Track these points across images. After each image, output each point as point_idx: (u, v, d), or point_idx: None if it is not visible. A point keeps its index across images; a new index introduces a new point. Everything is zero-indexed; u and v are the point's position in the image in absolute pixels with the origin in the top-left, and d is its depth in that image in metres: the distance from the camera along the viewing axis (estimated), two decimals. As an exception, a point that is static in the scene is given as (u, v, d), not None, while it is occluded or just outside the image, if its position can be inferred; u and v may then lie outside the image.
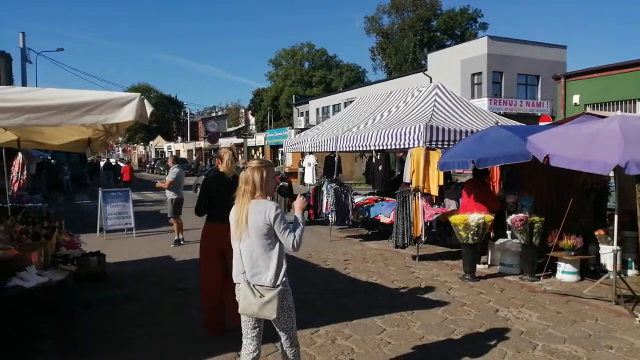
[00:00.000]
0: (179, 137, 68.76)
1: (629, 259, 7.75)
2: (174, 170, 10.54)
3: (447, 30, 50.36)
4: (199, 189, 9.72)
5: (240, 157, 43.21)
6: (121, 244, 10.61)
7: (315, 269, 8.11)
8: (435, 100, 10.06)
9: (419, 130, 8.64)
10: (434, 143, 8.70)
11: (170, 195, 10.41)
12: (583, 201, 8.26)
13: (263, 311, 3.17)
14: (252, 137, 42.40)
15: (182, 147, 61.93)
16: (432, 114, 9.50)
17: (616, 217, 6.25)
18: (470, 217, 7.26)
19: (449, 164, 7.79)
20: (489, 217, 7.39)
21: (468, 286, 7.01)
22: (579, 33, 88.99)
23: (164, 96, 73.25)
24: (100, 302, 6.24)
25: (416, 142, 8.71)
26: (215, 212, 4.86)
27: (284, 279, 3.22)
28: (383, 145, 9.56)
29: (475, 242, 7.35)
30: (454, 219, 7.43)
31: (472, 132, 8.80)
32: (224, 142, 44.63)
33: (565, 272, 7.40)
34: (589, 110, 16.15)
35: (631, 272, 7.72)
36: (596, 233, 7.71)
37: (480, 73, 30.13)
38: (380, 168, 10.86)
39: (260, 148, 39.23)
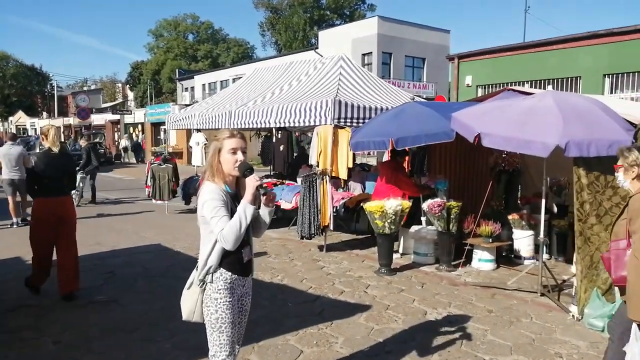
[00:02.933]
0: (44, 113, 61.36)
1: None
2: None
3: (336, 10, 50.06)
4: None
5: (116, 136, 39.47)
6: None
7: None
8: (340, 73, 9.13)
9: (327, 106, 7.64)
10: (343, 121, 7.77)
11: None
12: (494, 184, 7.89)
13: (182, 304, 2.74)
14: (131, 114, 38.60)
15: (48, 124, 55.29)
16: (338, 88, 8.54)
17: (543, 201, 5.78)
18: (387, 204, 6.44)
19: (362, 144, 6.89)
20: (407, 204, 6.65)
21: (386, 282, 6.21)
22: (460, 17, 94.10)
23: (24, 66, 64.73)
24: None
25: (323, 119, 7.71)
26: (44, 187, 5.27)
27: (210, 280, 2.63)
28: (285, 122, 8.43)
29: (392, 231, 6.57)
30: (369, 206, 6.56)
31: (385, 109, 8.01)
32: (97, 119, 40.36)
33: (482, 260, 6.93)
34: (480, 91, 16.44)
35: (545, 256, 7.49)
36: (510, 217, 7.34)
37: (370, 53, 30.08)
38: (281, 148, 9.72)
39: (139, 125, 35.83)
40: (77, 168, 12.56)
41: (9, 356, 4.08)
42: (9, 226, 9.82)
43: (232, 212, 2.57)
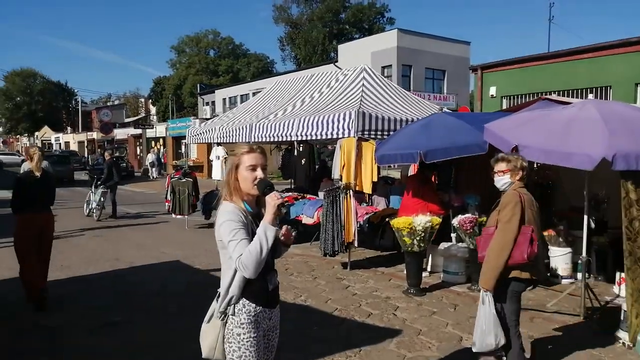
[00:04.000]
0: (69, 128, 62.47)
1: (579, 262, 7.07)
2: None
3: (355, 23, 50.16)
4: None
5: (138, 150, 39.85)
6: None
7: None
8: (363, 84, 8.88)
9: (350, 118, 7.38)
10: (367, 133, 7.50)
11: None
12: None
13: (201, 339, 2.46)
14: (152, 128, 38.92)
15: (72, 139, 56.23)
16: (361, 100, 8.29)
17: (586, 217, 5.39)
18: (416, 221, 6.11)
19: (389, 157, 6.58)
20: (437, 220, 6.30)
21: (416, 303, 5.86)
22: (479, 32, 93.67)
23: (51, 82, 66.16)
24: None
25: (346, 131, 7.45)
26: (27, 205, 5.60)
27: (232, 312, 2.36)
28: (306, 135, 8.19)
29: (422, 249, 6.23)
30: (396, 222, 6.24)
31: (410, 120, 7.71)
32: (120, 133, 40.87)
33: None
34: (504, 102, 16.03)
35: (579, 275, 7.05)
36: (545, 233, 6.93)
37: (390, 66, 29.83)
38: (303, 162, 9.47)
39: (161, 139, 36.10)
40: (99, 183, 12.55)
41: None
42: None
43: (252, 234, 2.31)
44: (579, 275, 6.93)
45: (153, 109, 60.35)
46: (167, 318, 5.30)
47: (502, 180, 3.91)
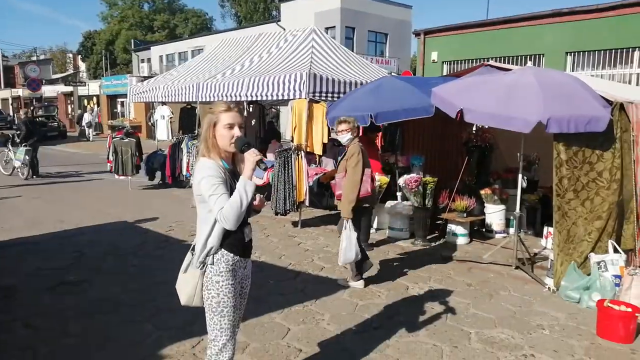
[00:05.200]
0: (-10, 84, 57.83)
1: (511, 218, 7.68)
2: None
3: (298, -19, 49.01)
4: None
5: (69, 108, 37.74)
6: None
7: (179, 246, 6.50)
8: (312, 46, 8.92)
9: (300, 79, 7.46)
10: (317, 95, 7.62)
11: None
12: (468, 160, 7.97)
13: (178, 289, 2.60)
14: (84, 86, 36.83)
15: None
16: (311, 61, 8.36)
17: (520, 177, 5.87)
18: (366, 180, 6.38)
19: (340, 119, 6.76)
20: (385, 180, 6.64)
21: (364, 258, 6.21)
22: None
23: (-35, 33, 60.64)
24: None
25: (297, 92, 7.54)
26: None
27: (211, 262, 2.48)
28: (256, 96, 8.20)
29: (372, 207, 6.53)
30: (347, 182, 6.48)
31: (360, 83, 7.90)
32: (48, 90, 38.40)
33: (456, 235, 7.03)
34: (445, 68, 16.53)
35: (512, 230, 7.67)
36: (482, 192, 7.46)
37: (334, 27, 29.67)
38: (252, 122, 9.46)
39: (94, 98, 34.31)
40: (17, 140, 12.23)
41: (-21, 342, 3.84)
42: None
43: (230, 189, 2.44)
44: (512, 230, 7.57)
45: (83, 65, 56.92)
46: (123, 277, 5.33)
47: (345, 137, 5.07)
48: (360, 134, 8.41)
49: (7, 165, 13.25)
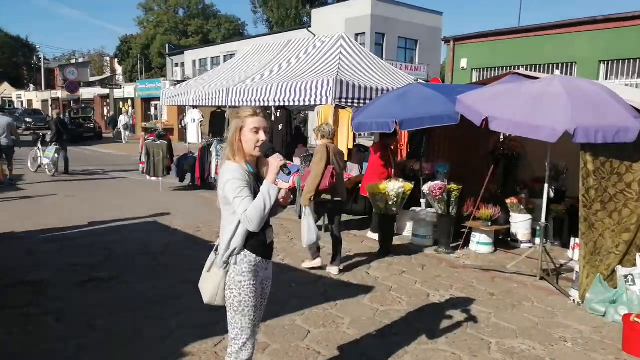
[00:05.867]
0: (31, 85, 60.02)
1: (538, 228, 7.57)
2: None
3: (329, -12, 49.32)
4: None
5: (105, 110, 38.83)
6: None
7: (206, 246, 6.67)
8: (340, 52, 9.02)
9: (327, 86, 7.56)
10: (344, 101, 7.71)
11: None
12: (494, 168, 7.90)
13: (202, 287, 2.70)
14: (120, 88, 37.92)
15: (35, 97, 54.13)
16: (339, 67, 8.45)
17: (546, 187, 5.80)
18: (390, 187, 6.43)
19: (365, 125, 6.83)
20: (409, 186, 6.64)
21: (387, 263, 6.24)
22: (450, 2, 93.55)
23: (10, 37, 63.07)
24: None
25: (324, 98, 7.64)
26: None
27: (235, 262, 2.58)
28: (284, 101, 8.34)
29: (394, 213, 6.57)
30: (371, 188, 6.55)
31: (386, 90, 7.94)
32: (86, 93, 39.63)
33: (480, 243, 6.98)
34: (474, 75, 16.39)
35: (538, 240, 7.56)
36: (508, 201, 7.39)
37: (363, 33, 29.73)
38: (280, 127, 9.60)
39: (129, 100, 35.24)
40: (48, 140, 12.91)
41: (13, 332, 4.03)
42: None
43: (254, 192, 2.53)
44: (537, 240, 7.46)
45: (119, 69, 58.48)
46: (151, 274, 5.50)
47: (318, 141, 5.86)
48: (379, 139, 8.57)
49: (34, 163, 13.95)
